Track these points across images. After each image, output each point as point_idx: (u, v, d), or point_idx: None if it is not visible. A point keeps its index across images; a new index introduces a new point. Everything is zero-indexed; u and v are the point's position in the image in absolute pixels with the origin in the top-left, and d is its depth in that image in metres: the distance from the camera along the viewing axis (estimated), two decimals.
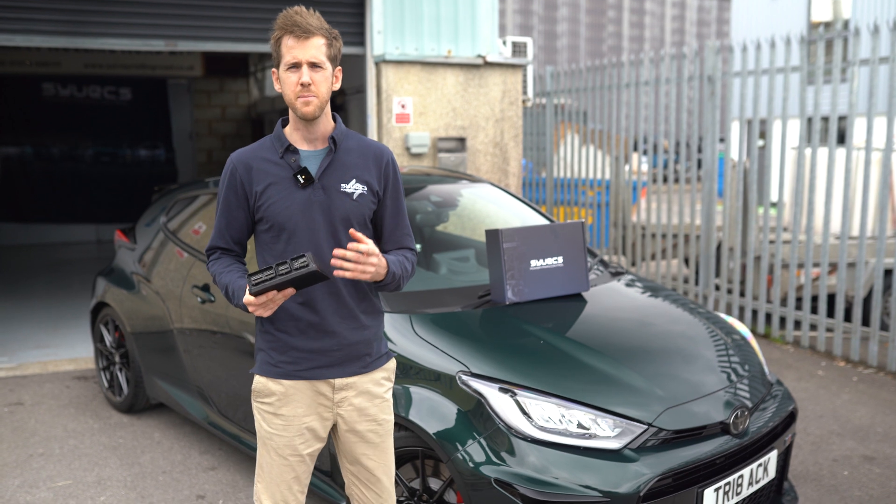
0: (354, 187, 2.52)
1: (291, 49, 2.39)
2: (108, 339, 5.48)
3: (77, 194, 13.62)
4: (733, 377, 3.53)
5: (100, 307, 5.58)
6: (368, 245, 2.33)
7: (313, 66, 2.41)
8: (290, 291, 2.33)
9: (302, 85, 2.39)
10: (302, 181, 2.46)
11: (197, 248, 4.66)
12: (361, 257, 2.31)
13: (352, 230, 2.34)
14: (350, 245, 2.31)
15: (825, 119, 12.06)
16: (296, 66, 2.40)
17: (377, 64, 7.10)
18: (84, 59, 12.64)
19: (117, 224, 11.81)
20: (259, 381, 2.58)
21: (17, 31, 6.24)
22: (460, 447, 3.05)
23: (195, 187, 5.08)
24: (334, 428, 2.65)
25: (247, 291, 2.33)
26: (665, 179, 9.61)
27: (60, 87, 13.38)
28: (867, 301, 7.00)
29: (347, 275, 2.32)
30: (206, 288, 4.38)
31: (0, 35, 6.21)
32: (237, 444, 4.24)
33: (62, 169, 13.60)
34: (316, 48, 2.40)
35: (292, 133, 2.53)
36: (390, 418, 2.70)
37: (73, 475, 4.40)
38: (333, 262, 2.31)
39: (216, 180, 4.83)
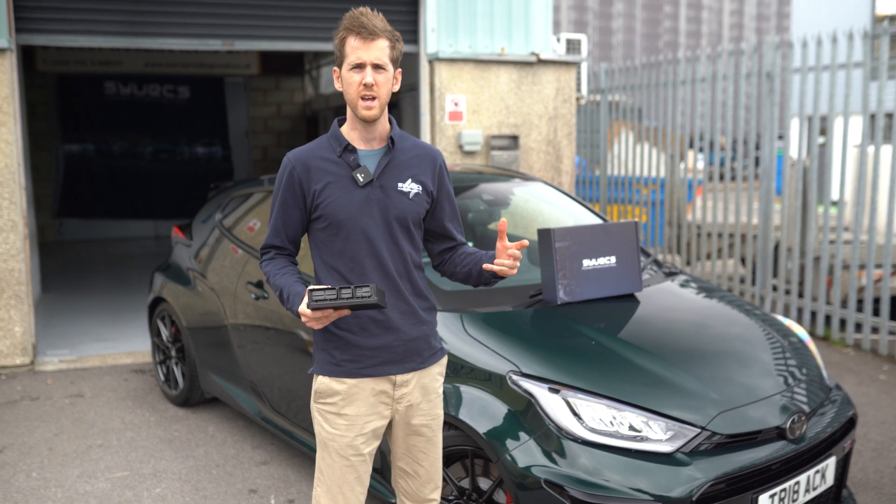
0: (411, 186, 2.56)
1: (356, 50, 2.42)
2: (164, 333, 5.58)
3: (136, 191, 13.90)
4: (790, 381, 3.45)
5: (157, 302, 5.69)
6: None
7: (377, 67, 2.43)
8: (346, 312, 2.39)
9: (365, 85, 2.42)
10: (361, 180, 2.49)
11: (251, 245, 4.72)
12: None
13: (503, 221, 2.50)
14: (518, 245, 2.49)
15: (889, 116, 11.73)
16: (360, 66, 2.43)
17: (430, 62, 7.11)
18: (144, 59, 12.90)
19: (175, 220, 12.03)
20: (322, 382, 2.59)
21: (80, 32, 6.40)
22: (510, 447, 3.03)
23: (250, 185, 5.15)
24: (389, 422, 2.67)
25: (304, 302, 2.37)
26: (721, 177, 9.44)
27: (121, 85, 13.67)
28: None
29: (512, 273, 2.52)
30: (259, 284, 4.44)
31: (65, 36, 6.38)
32: (289, 440, 4.29)
33: (122, 166, 13.89)
34: (380, 50, 2.43)
35: (350, 133, 2.55)
36: (441, 413, 2.74)
37: (129, 467, 4.50)
38: (503, 265, 2.49)
39: (271, 178, 4.88)
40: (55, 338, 7.04)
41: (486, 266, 2.54)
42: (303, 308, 2.36)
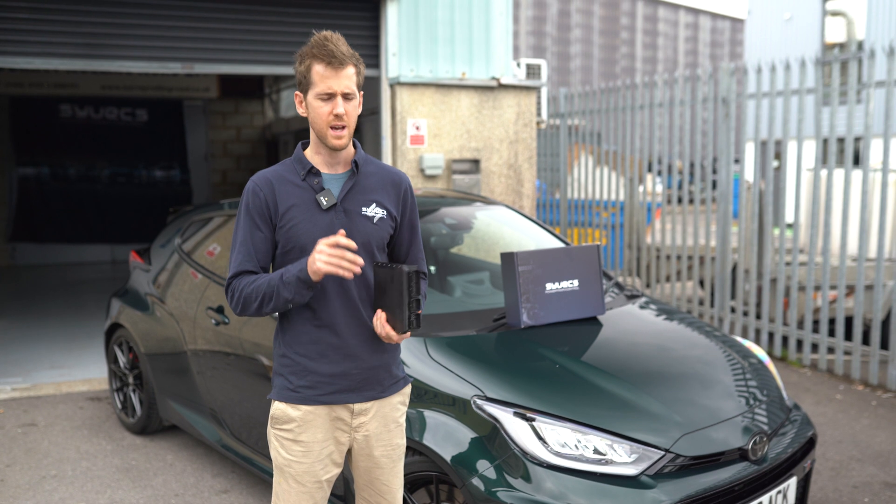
0: (375, 211, 2.52)
1: (326, 79, 2.37)
2: (121, 360, 5.48)
3: (93, 215, 13.70)
4: (751, 402, 3.48)
5: (114, 328, 5.59)
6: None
7: (346, 96, 2.40)
8: (360, 262, 2.29)
9: (336, 116, 2.39)
10: (325, 203, 2.46)
11: (211, 270, 4.66)
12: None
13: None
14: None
15: (841, 140, 12.01)
16: (330, 96, 2.39)
17: (392, 86, 7.12)
18: (101, 81, 12.77)
19: (132, 244, 11.88)
20: (278, 408, 2.55)
21: (36, 55, 6.31)
22: (475, 472, 3.02)
23: (210, 209, 5.10)
24: (349, 451, 2.64)
25: (313, 255, 2.27)
26: (680, 201, 9.59)
27: (78, 108, 13.51)
28: (885, 324, 6.93)
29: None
30: (220, 310, 4.38)
31: (20, 58, 6.28)
32: (250, 467, 4.22)
33: (78, 189, 13.70)
34: (348, 78, 2.39)
35: (314, 156, 2.52)
36: (403, 443, 2.70)
37: (85, 498, 4.39)
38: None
39: (231, 202, 4.83)
40: (8, 365, 6.87)
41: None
42: (320, 247, 2.26)
